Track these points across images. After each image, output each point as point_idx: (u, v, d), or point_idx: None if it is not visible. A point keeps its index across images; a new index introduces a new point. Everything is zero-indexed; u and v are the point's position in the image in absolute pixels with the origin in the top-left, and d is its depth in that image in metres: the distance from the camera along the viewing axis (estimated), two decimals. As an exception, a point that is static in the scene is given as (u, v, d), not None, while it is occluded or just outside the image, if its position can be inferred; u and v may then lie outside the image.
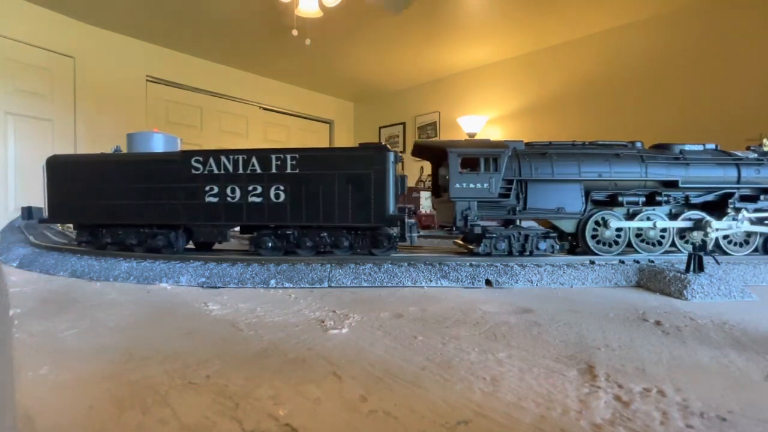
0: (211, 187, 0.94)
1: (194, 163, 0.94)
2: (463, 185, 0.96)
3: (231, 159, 0.93)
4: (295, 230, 0.95)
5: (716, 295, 0.69)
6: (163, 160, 0.97)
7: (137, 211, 0.97)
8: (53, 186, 1.00)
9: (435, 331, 0.51)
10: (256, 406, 0.31)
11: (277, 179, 0.92)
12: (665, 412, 0.30)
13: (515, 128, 4.17)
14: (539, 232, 0.98)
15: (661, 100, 3.26)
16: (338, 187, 0.91)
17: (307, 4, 2.37)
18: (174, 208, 0.95)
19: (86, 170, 0.99)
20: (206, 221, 0.95)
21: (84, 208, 0.99)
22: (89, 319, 0.55)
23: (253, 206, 0.93)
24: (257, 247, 0.96)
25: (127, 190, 0.97)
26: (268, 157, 0.93)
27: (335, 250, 0.95)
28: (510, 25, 3.46)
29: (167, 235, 0.98)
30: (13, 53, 3.05)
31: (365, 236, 0.95)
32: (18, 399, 0.32)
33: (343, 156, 0.93)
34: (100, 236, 1.02)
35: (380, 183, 0.90)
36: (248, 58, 4.22)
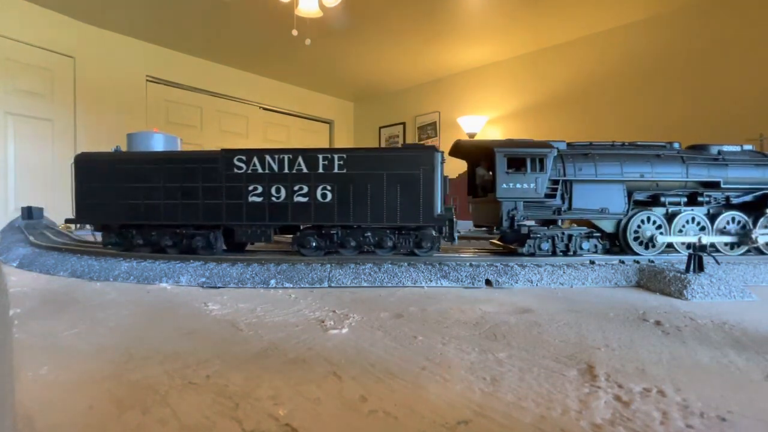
0: (254, 187, 0.93)
1: (237, 162, 0.93)
2: (510, 185, 0.96)
3: (276, 158, 0.93)
4: (339, 230, 0.94)
5: (716, 295, 0.69)
6: (203, 159, 0.95)
7: (173, 211, 0.94)
8: (81, 185, 0.97)
9: (435, 331, 0.51)
10: (256, 406, 0.31)
11: (324, 179, 0.92)
12: (665, 412, 0.30)
13: (515, 128, 4.17)
14: (582, 232, 0.98)
15: (661, 100, 3.26)
16: (386, 187, 0.91)
17: (307, 4, 2.37)
18: (214, 208, 0.93)
19: (118, 169, 0.96)
20: (249, 221, 0.93)
21: (115, 208, 0.96)
22: (89, 319, 0.55)
23: (298, 206, 0.92)
24: (300, 247, 0.95)
25: (163, 189, 0.94)
26: (315, 156, 0.93)
27: (378, 250, 0.95)
28: (510, 25, 3.46)
29: (206, 235, 0.96)
30: (13, 53, 3.05)
31: (409, 236, 0.95)
32: (18, 399, 0.32)
33: (391, 156, 0.93)
34: (129, 237, 0.98)
35: (429, 183, 0.91)
36: (248, 58, 4.22)
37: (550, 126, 3.87)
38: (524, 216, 0.97)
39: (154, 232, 0.97)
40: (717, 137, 1.32)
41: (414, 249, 0.95)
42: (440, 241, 0.95)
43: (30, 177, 3.26)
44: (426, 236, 0.94)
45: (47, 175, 3.36)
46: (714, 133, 2.89)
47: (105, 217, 0.98)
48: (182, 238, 0.97)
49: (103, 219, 0.98)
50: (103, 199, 0.96)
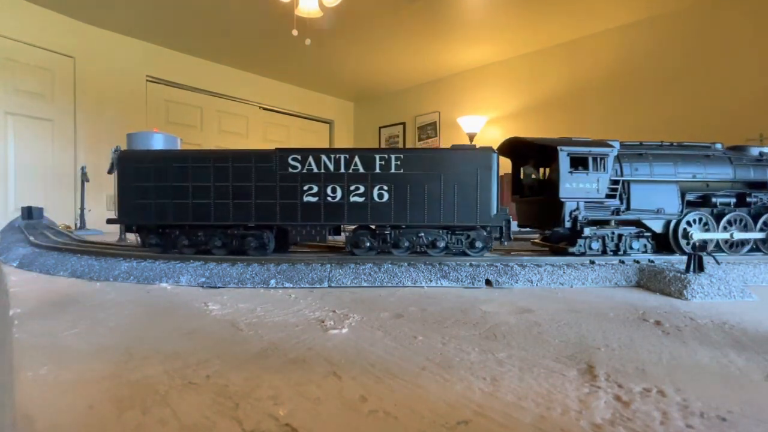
0: (309, 187, 0.92)
1: (291, 161, 0.92)
2: (573, 185, 0.96)
3: (332, 158, 0.92)
4: (393, 230, 0.94)
5: (716, 295, 0.69)
6: (256, 157, 0.94)
7: (224, 211, 0.93)
8: (124, 184, 0.94)
9: (435, 331, 0.51)
10: (256, 406, 0.31)
11: (381, 179, 0.92)
12: (665, 412, 0.30)
13: (515, 128, 4.16)
14: (632, 232, 0.99)
15: (661, 100, 3.26)
16: (443, 188, 0.91)
17: (307, 4, 2.37)
18: (267, 208, 0.92)
19: (163, 167, 0.94)
20: (304, 221, 0.93)
21: (161, 207, 0.94)
22: (89, 319, 0.55)
23: (355, 206, 0.92)
24: (354, 247, 0.95)
25: (213, 188, 0.93)
26: (372, 156, 0.93)
27: (429, 250, 0.96)
28: (510, 25, 3.46)
29: (259, 236, 0.95)
30: (13, 53, 3.05)
31: (462, 237, 0.95)
32: (18, 399, 0.32)
33: (448, 156, 0.93)
34: (173, 238, 0.96)
35: (485, 183, 0.91)
36: (248, 58, 4.22)
37: (551, 126, 3.87)
38: (585, 216, 0.98)
39: (201, 233, 0.96)
40: (717, 137, 1.32)
41: (466, 249, 0.95)
42: (493, 241, 0.95)
43: (30, 177, 3.26)
44: (479, 236, 0.94)
45: (47, 175, 3.36)
46: (714, 133, 2.89)
47: (150, 217, 0.94)
48: (233, 238, 0.95)
49: (147, 219, 0.95)
50: (149, 199, 0.94)
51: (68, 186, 3.42)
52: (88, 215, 2.25)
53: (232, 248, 0.96)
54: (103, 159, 3.38)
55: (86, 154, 3.46)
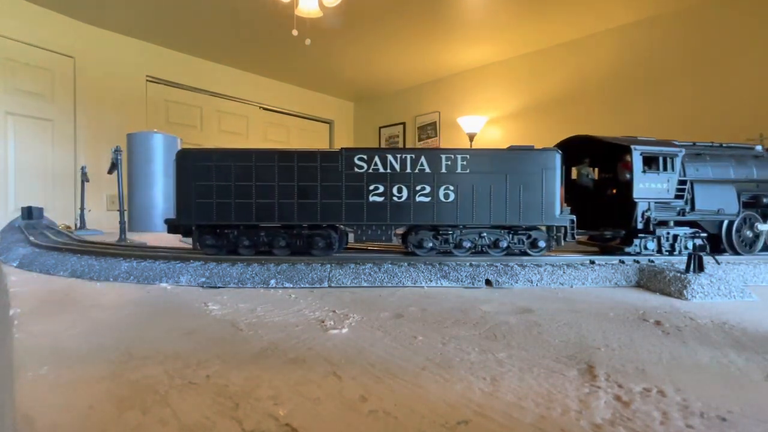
0: (375, 186, 0.92)
1: (357, 161, 0.92)
2: (646, 185, 0.96)
3: (398, 158, 0.93)
4: (456, 230, 0.95)
5: (716, 295, 0.69)
6: (321, 157, 0.93)
7: (288, 211, 0.92)
8: (182, 183, 0.93)
9: (435, 331, 0.51)
10: (256, 406, 0.31)
11: (447, 179, 0.92)
12: (665, 412, 0.30)
13: (515, 128, 4.17)
14: (687, 232, 1.00)
15: (662, 100, 3.26)
16: (509, 187, 0.92)
17: (307, 4, 2.37)
18: (333, 208, 0.92)
19: (224, 166, 0.93)
20: (370, 221, 0.93)
21: (221, 207, 0.92)
22: (89, 319, 0.55)
23: (420, 206, 0.93)
24: (416, 247, 0.96)
25: (277, 188, 0.92)
26: (438, 156, 0.93)
27: (491, 250, 0.96)
28: (510, 25, 3.46)
29: (327, 236, 0.95)
30: (13, 53, 3.05)
31: (524, 236, 0.96)
32: (18, 399, 0.32)
33: (514, 156, 0.93)
34: (231, 238, 0.95)
35: (550, 183, 0.92)
36: (248, 58, 4.22)
37: (551, 126, 3.87)
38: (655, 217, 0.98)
39: (263, 233, 0.95)
40: (718, 137, 1.32)
41: (527, 249, 0.96)
42: (554, 241, 0.96)
43: (30, 177, 3.26)
44: (541, 236, 0.95)
45: (47, 175, 3.36)
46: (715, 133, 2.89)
47: (210, 217, 0.93)
48: (298, 238, 0.95)
49: (208, 219, 0.93)
50: (209, 198, 0.93)
51: (68, 186, 3.42)
52: (88, 215, 2.25)
53: (296, 248, 0.95)
54: (103, 159, 3.38)
55: (86, 154, 3.46)
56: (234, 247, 0.96)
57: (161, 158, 2.28)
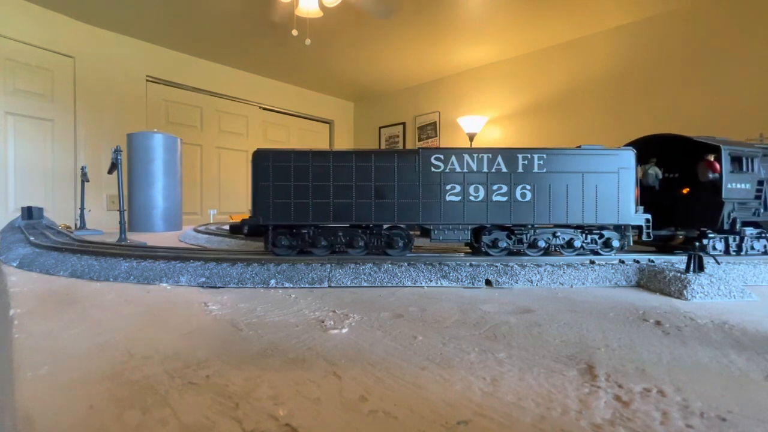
0: (452, 186, 0.92)
1: (434, 161, 0.92)
2: (733, 185, 0.97)
3: (475, 157, 0.93)
4: (530, 230, 0.95)
5: (716, 295, 0.69)
6: (398, 157, 0.93)
7: (366, 210, 0.92)
8: (260, 184, 0.93)
9: (435, 331, 0.51)
10: (256, 406, 0.31)
11: (524, 178, 0.92)
12: (665, 412, 0.30)
13: (516, 128, 4.16)
14: (754, 232, 1.01)
15: (662, 100, 3.26)
16: (584, 187, 0.92)
17: (307, 4, 2.37)
18: (410, 207, 0.92)
19: (302, 166, 0.92)
20: (446, 221, 0.93)
21: (299, 207, 0.92)
22: (89, 319, 0.55)
23: (497, 205, 0.92)
24: (489, 247, 0.96)
25: (354, 188, 0.92)
26: (515, 156, 0.93)
27: (564, 250, 0.96)
28: (510, 25, 3.46)
29: (405, 235, 0.95)
30: (13, 53, 3.06)
31: (596, 236, 0.96)
32: (18, 399, 0.32)
33: (590, 156, 0.93)
34: (307, 239, 0.95)
35: (626, 182, 0.92)
36: (248, 58, 4.22)
37: (552, 126, 3.87)
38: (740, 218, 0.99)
39: (341, 233, 0.95)
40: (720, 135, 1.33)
41: (600, 249, 0.96)
42: (626, 240, 0.96)
43: (30, 177, 3.26)
44: (616, 235, 0.95)
45: (47, 175, 3.36)
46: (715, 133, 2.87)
47: (288, 217, 0.93)
48: (377, 238, 0.95)
49: (285, 219, 0.93)
50: (286, 199, 0.92)
51: (68, 186, 3.42)
52: (88, 215, 2.25)
53: (373, 248, 0.95)
54: (103, 159, 3.38)
55: (86, 154, 3.46)
56: (308, 247, 0.96)
57: (161, 158, 2.28)
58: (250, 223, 0.94)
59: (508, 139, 4.08)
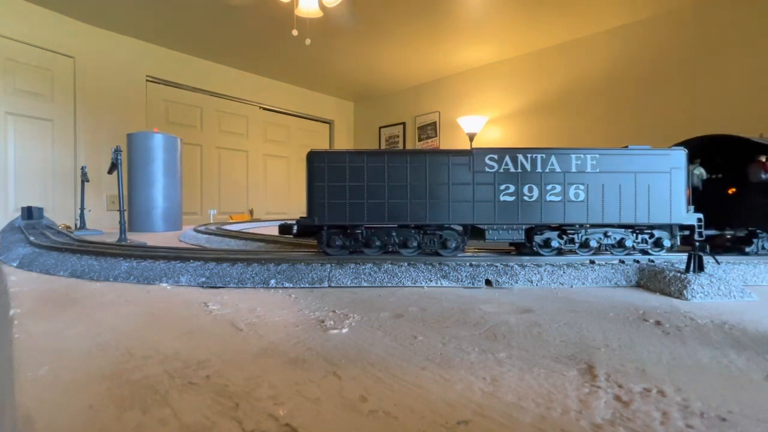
0: (506, 186, 0.92)
1: (488, 161, 0.92)
2: None
3: (529, 157, 0.93)
4: (582, 229, 0.95)
5: (716, 295, 0.69)
6: (452, 157, 0.93)
7: (419, 210, 0.92)
8: (315, 183, 0.92)
9: (435, 331, 0.51)
10: (256, 406, 0.31)
11: (578, 178, 0.92)
12: (665, 412, 0.30)
13: (516, 129, 4.16)
14: None
15: (662, 100, 3.25)
16: (637, 186, 0.92)
17: (307, 4, 2.37)
18: (464, 208, 0.93)
19: (357, 167, 0.92)
20: (500, 221, 0.93)
21: (354, 207, 0.92)
22: (89, 319, 0.55)
23: (550, 205, 0.93)
24: (541, 247, 0.96)
25: (408, 188, 0.92)
26: (569, 156, 0.93)
27: (614, 249, 0.96)
28: (510, 24, 3.46)
29: (455, 236, 0.95)
30: (13, 53, 3.06)
31: (646, 236, 0.96)
32: (18, 399, 0.32)
33: (643, 156, 0.94)
34: (361, 239, 0.95)
35: (678, 182, 0.93)
36: (248, 58, 4.22)
37: (551, 126, 3.87)
38: None
39: (395, 233, 0.95)
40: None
41: (649, 249, 0.96)
42: (677, 240, 0.97)
43: (30, 177, 3.26)
44: (665, 235, 0.96)
45: (47, 175, 3.36)
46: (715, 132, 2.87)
47: (343, 218, 0.93)
48: (431, 238, 0.95)
49: (341, 219, 0.93)
50: (341, 199, 0.92)
51: (68, 186, 3.42)
52: (88, 215, 2.25)
53: (426, 248, 0.95)
54: (103, 159, 3.38)
55: (86, 154, 3.46)
56: (362, 247, 0.96)
57: (161, 158, 2.28)
58: (307, 223, 0.94)
59: (508, 139, 4.08)
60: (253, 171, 4.74)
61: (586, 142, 3.47)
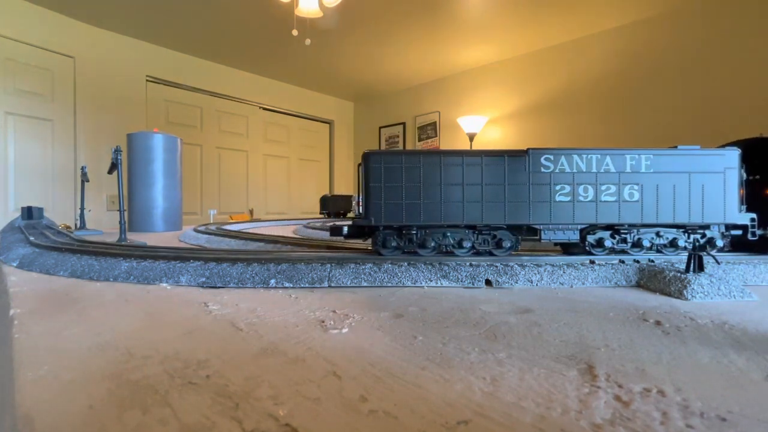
0: (562, 186, 0.93)
1: (544, 161, 0.93)
2: None
3: (584, 158, 0.93)
4: (634, 229, 0.96)
5: (716, 295, 0.69)
6: (508, 157, 0.93)
7: (475, 211, 0.92)
8: (372, 184, 0.93)
9: (435, 331, 0.51)
10: (256, 406, 0.31)
11: (632, 178, 0.93)
12: (665, 412, 0.30)
13: (515, 128, 4.16)
14: None
15: (662, 100, 3.25)
16: (691, 186, 0.93)
17: (307, 4, 2.37)
18: (519, 208, 0.93)
19: (413, 168, 0.92)
20: (556, 221, 0.93)
21: (409, 208, 0.92)
22: (89, 319, 0.55)
23: (605, 205, 0.93)
24: (594, 246, 0.96)
25: (463, 188, 0.92)
26: (623, 157, 0.93)
27: (665, 249, 0.97)
28: (510, 25, 3.45)
29: (509, 236, 0.95)
30: (13, 53, 3.06)
31: (698, 235, 0.96)
32: (18, 399, 0.32)
33: (697, 156, 0.94)
34: (415, 240, 0.95)
35: (732, 182, 0.93)
36: (248, 58, 4.22)
37: (551, 126, 3.87)
38: None
39: (449, 233, 0.95)
40: (717, 137, 1.32)
41: (706, 250, 0.97)
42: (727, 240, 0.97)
43: (30, 177, 3.26)
44: (717, 235, 0.96)
45: (47, 175, 3.36)
46: (714, 133, 2.89)
47: (399, 218, 0.93)
48: (486, 239, 0.95)
49: (397, 220, 0.93)
50: (397, 200, 0.92)
51: (68, 186, 3.41)
52: (88, 215, 2.25)
53: (480, 249, 0.95)
54: (103, 159, 3.38)
55: (86, 154, 3.46)
56: (416, 248, 0.96)
57: (161, 158, 2.28)
58: (364, 224, 0.94)
59: (508, 139, 4.08)
60: (253, 171, 4.74)
61: (586, 142, 3.47)
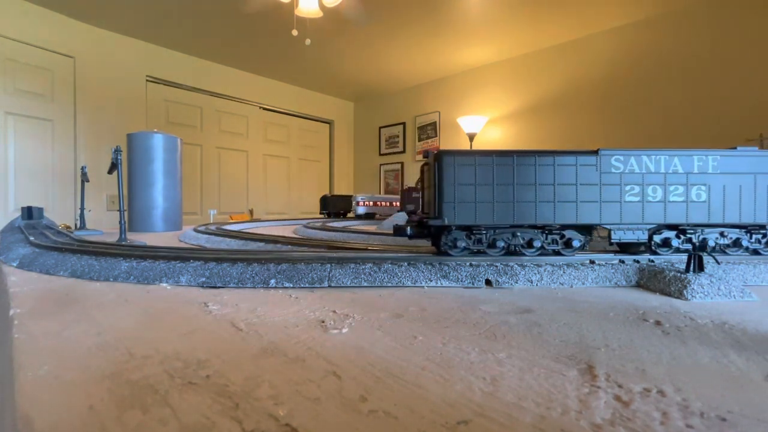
0: (631, 187, 0.93)
1: (614, 162, 0.93)
2: None
3: (653, 159, 0.94)
4: (698, 229, 0.97)
5: (716, 295, 0.69)
6: (579, 157, 0.93)
7: (547, 211, 0.93)
8: (445, 183, 0.92)
9: (435, 331, 0.51)
10: (256, 406, 0.31)
11: (700, 179, 0.94)
12: (665, 412, 0.30)
13: (516, 129, 4.16)
14: None
15: (663, 100, 3.25)
16: (757, 187, 0.94)
17: (307, 4, 2.37)
18: (590, 208, 0.93)
19: (485, 167, 0.92)
20: (626, 221, 0.94)
21: (481, 208, 0.92)
22: (89, 319, 0.55)
23: (673, 205, 0.94)
24: (660, 246, 0.97)
25: (536, 188, 0.92)
26: (691, 158, 0.94)
27: (728, 249, 0.98)
28: (510, 24, 3.45)
29: (579, 235, 0.95)
30: (13, 53, 3.06)
31: (759, 235, 0.97)
32: (18, 399, 0.32)
33: (763, 158, 0.95)
34: (484, 240, 0.94)
35: None
36: (248, 58, 4.22)
37: (551, 126, 3.87)
38: None
39: (519, 233, 0.95)
40: (717, 137, 1.32)
41: (762, 249, 0.98)
42: None
43: (30, 177, 3.26)
44: None
45: (47, 175, 3.36)
46: (714, 133, 2.89)
47: (471, 218, 0.93)
48: (557, 239, 0.96)
49: (469, 219, 0.93)
50: (469, 200, 0.92)
51: (68, 186, 3.42)
52: (88, 215, 2.25)
53: (549, 249, 0.96)
54: (103, 159, 3.38)
55: (86, 154, 3.46)
56: (485, 247, 0.96)
57: (161, 158, 2.28)
58: (437, 224, 0.93)
59: (508, 139, 4.08)
60: (253, 171, 4.74)
61: (586, 142, 3.47)
